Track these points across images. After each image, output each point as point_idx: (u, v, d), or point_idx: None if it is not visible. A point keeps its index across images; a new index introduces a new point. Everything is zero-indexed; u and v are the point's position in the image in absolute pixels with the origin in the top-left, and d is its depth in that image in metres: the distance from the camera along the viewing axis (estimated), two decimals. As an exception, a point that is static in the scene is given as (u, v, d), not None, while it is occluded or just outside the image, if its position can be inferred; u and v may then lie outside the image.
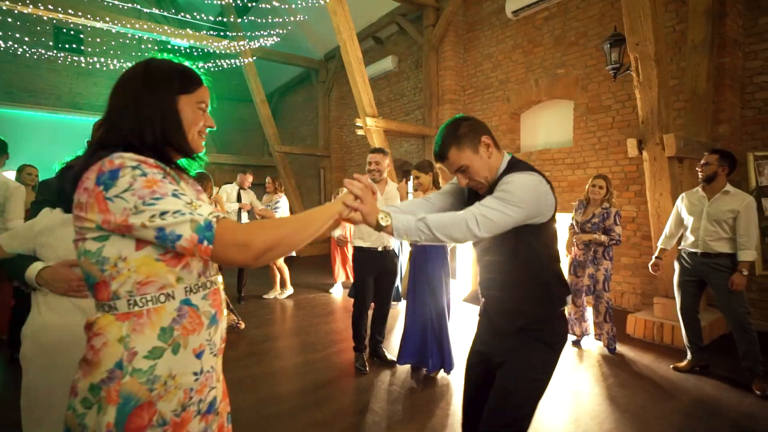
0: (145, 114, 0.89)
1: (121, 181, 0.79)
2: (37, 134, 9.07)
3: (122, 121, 0.89)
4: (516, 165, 1.39)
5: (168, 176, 0.86)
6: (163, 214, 0.79)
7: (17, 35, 8.07)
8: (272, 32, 7.04)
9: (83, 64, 8.52)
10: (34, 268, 1.44)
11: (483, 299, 1.57)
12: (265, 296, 5.52)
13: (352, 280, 4.46)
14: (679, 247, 3.13)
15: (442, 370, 3.05)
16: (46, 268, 1.44)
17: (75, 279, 1.41)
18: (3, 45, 6.89)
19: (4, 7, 5.54)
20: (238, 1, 7.11)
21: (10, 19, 7.04)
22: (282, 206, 5.26)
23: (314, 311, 4.96)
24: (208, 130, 1.01)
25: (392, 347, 3.56)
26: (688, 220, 2.97)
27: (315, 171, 10.31)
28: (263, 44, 7.24)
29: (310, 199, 10.42)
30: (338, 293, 5.84)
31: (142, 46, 10.11)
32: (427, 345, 3.04)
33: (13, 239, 1.54)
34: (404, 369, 3.20)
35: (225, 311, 1.02)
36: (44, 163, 3.94)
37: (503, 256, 1.41)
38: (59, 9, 5.93)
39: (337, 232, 5.48)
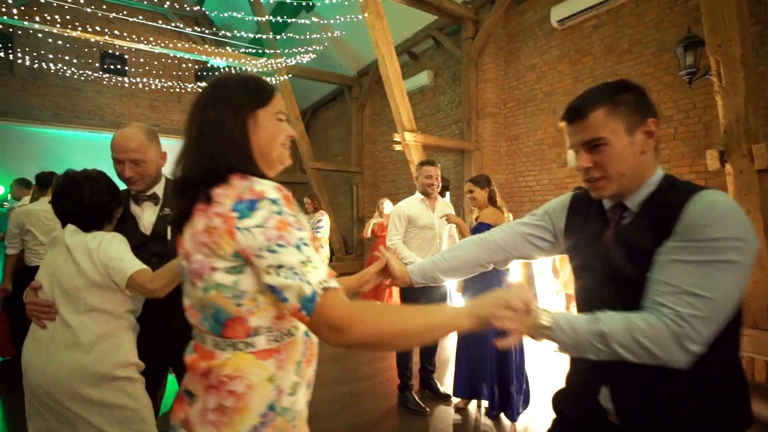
0: (229, 137, 0.83)
1: (256, 215, 0.75)
2: (83, 153, 9.36)
3: (208, 147, 0.83)
4: (684, 187, 0.89)
5: (296, 215, 0.80)
6: (279, 268, 0.74)
7: (66, 58, 8.43)
8: (308, 49, 7.04)
9: (126, 85, 8.78)
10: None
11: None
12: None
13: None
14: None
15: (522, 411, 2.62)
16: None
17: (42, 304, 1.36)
18: (54, 68, 7.15)
19: (55, 31, 5.73)
20: (277, 18, 7.16)
21: (60, 42, 7.32)
22: (324, 225, 5.12)
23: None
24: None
25: (442, 378, 3.26)
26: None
27: (347, 187, 10.20)
28: (300, 62, 7.24)
29: (342, 215, 10.30)
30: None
31: (183, 65, 10.39)
32: (485, 377, 2.72)
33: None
34: (468, 407, 2.88)
35: None
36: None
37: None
38: (106, 31, 6.10)
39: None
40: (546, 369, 3.55)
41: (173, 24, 9.35)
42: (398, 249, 2.80)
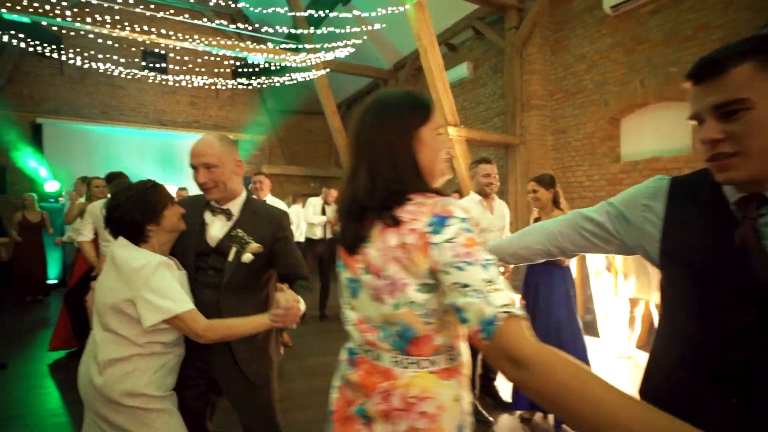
0: (401, 160, 0.84)
1: (447, 230, 0.76)
2: (128, 148, 9.71)
3: (382, 172, 0.83)
4: None
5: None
6: (464, 287, 0.71)
7: (114, 57, 8.69)
8: (347, 43, 6.96)
9: (170, 82, 8.98)
10: None
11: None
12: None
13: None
14: None
15: None
16: None
17: None
18: (101, 67, 7.37)
19: (105, 31, 5.88)
20: (318, 12, 7.10)
21: (108, 42, 7.54)
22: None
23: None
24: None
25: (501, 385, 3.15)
26: None
27: (382, 182, 10.14)
28: (338, 57, 7.18)
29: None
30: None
31: (221, 62, 10.55)
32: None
33: None
34: (534, 417, 2.75)
35: None
36: (133, 175, 4.04)
37: None
38: (153, 30, 6.21)
39: None
40: (612, 378, 3.38)
41: (214, 21, 9.47)
42: None
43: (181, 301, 1.26)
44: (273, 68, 9.04)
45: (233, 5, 8.51)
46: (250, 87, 9.97)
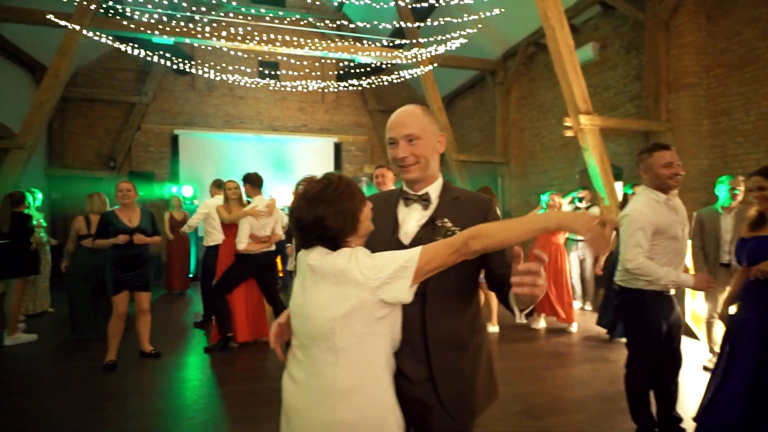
0: None
1: None
2: (245, 153, 10.55)
3: None
4: None
5: None
6: None
7: (241, 67, 9.45)
8: (460, 33, 6.64)
9: (281, 88, 9.49)
10: None
11: None
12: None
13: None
14: None
15: None
16: None
17: None
18: (230, 79, 8.01)
19: (236, 44, 6.32)
20: (422, 3, 6.89)
21: (232, 52, 8.16)
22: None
23: (536, 351, 4.25)
24: None
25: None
26: None
27: (489, 180, 9.62)
28: (449, 48, 6.90)
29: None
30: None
31: (326, 66, 10.92)
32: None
33: None
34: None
35: None
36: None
37: None
38: (277, 39, 6.54)
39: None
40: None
41: (319, 27, 9.83)
42: (647, 269, 2.19)
43: (402, 252, 1.09)
44: (381, 66, 9.04)
45: (335, 3, 8.64)
46: (354, 89, 10.18)
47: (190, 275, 7.89)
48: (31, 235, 4.44)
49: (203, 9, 9.39)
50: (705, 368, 3.76)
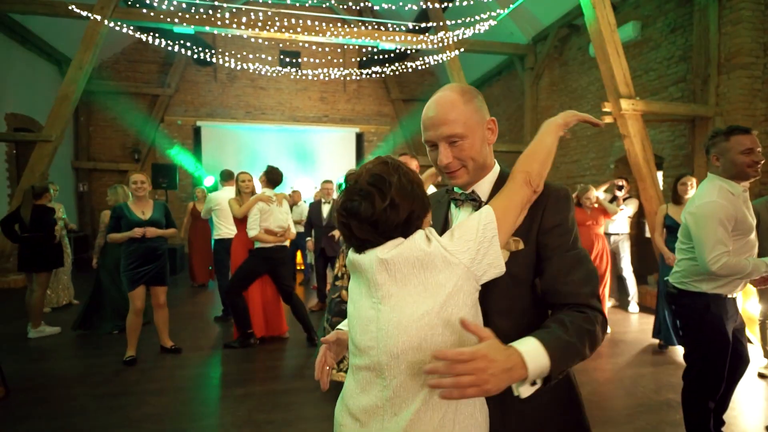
0: None
1: None
2: (267, 144, 10.47)
3: None
4: None
5: None
6: None
7: (262, 56, 9.31)
8: (490, 14, 6.28)
9: (303, 76, 9.31)
10: None
11: None
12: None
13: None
14: None
15: None
16: None
17: None
18: (251, 68, 7.88)
19: (257, 33, 6.16)
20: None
21: (252, 40, 8.01)
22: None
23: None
24: None
25: None
26: None
27: (516, 169, 9.26)
28: (477, 31, 6.55)
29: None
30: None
31: (347, 55, 10.68)
32: None
33: None
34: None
35: None
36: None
37: None
38: (299, 26, 6.35)
39: None
40: None
41: (343, 6, 9.58)
42: (734, 267, 1.91)
43: (470, 218, 0.93)
44: (405, 52, 8.74)
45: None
46: (375, 78, 9.91)
47: (211, 267, 7.87)
48: (53, 228, 4.43)
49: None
50: (760, 375, 3.44)
